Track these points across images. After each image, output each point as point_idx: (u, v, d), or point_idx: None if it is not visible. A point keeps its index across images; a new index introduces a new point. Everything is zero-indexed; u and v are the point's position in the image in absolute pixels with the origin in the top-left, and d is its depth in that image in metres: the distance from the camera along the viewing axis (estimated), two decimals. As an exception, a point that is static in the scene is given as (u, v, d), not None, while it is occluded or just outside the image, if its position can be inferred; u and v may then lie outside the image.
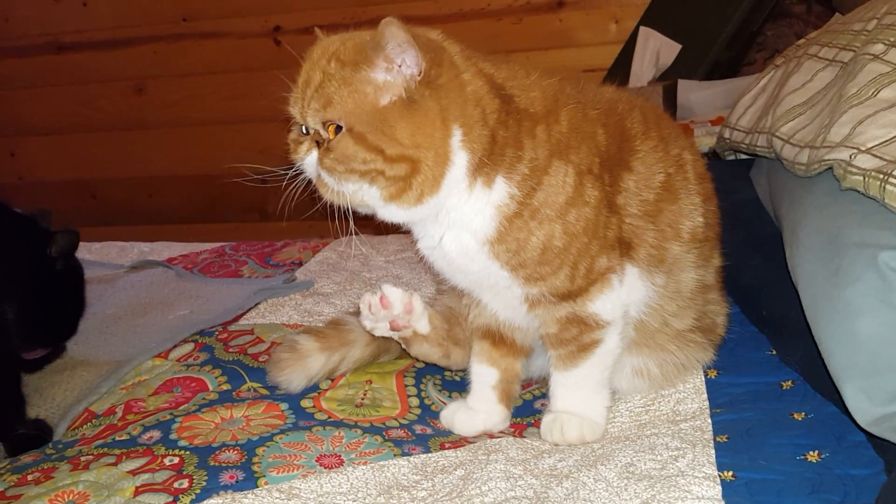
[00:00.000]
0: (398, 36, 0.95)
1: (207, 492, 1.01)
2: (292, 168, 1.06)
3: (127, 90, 3.14)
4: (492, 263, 1.06)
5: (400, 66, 0.97)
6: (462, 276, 1.13)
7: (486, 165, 1.01)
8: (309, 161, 1.03)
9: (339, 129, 0.99)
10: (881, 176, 0.95)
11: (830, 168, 1.07)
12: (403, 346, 1.29)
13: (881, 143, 1.00)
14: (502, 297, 1.13)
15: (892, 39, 1.14)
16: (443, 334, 1.28)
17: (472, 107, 1.00)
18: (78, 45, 3.13)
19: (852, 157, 1.01)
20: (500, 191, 1.02)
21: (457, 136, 0.99)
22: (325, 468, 1.05)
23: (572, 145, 1.05)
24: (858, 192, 0.99)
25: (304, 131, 1.04)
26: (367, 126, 0.98)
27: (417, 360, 1.33)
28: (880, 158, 0.98)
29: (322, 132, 1.00)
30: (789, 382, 1.15)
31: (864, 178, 0.97)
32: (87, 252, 2.09)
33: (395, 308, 1.23)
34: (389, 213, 1.04)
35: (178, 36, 3.02)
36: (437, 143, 0.98)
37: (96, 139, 3.22)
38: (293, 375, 1.26)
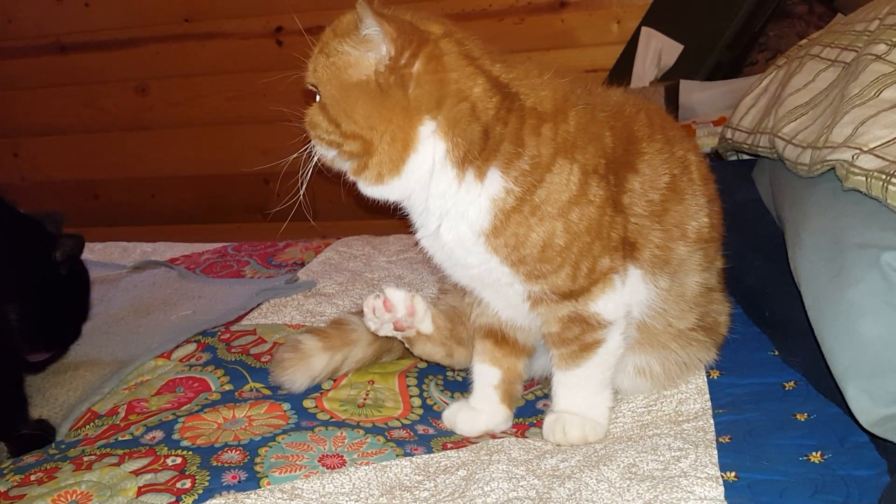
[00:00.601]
0: (368, 18, 0.97)
1: (210, 492, 1.01)
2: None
3: (129, 91, 3.14)
4: (491, 258, 1.06)
5: (371, 49, 0.99)
6: (462, 272, 1.13)
7: (475, 158, 1.02)
8: None
9: None
10: (883, 176, 0.95)
11: (833, 169, 1.07)
12: (407, 345, 1.30)
13: (883, 144, 1.00)
14: (504, 295, 1.13)
15: (894, 40, 1.14)
16: (446, 334, 1.28)
17: (456, 102, 1.01)
18: (80, 45, 3.13)
19: (855, 157, 1.01)
20: (495, 184, 1.03)
21: (428, 126, 1.01)
22: (327, 468, 1.05)
23: (579, 145, 1.05)
24: (861, 192, 0.99)
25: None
26: (331, 98, 1.02)
27: (421, 359, 1.33)
28: (882, 159, 0.97)
29: (317, 97, 1.05)
30: (792, 383, 1.15)
31: (867, 179, 0.97)
32: (89, 252, 2.08)
33: (398, 310, 1.23)
34: (361, 187, 1.07)
35: (181, 37, 3.02)
36: (396, 128, 1.00)
37: (99, 139, 3.23)
38: (296, 375, 1.26)
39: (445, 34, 1.03)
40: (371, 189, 1.06)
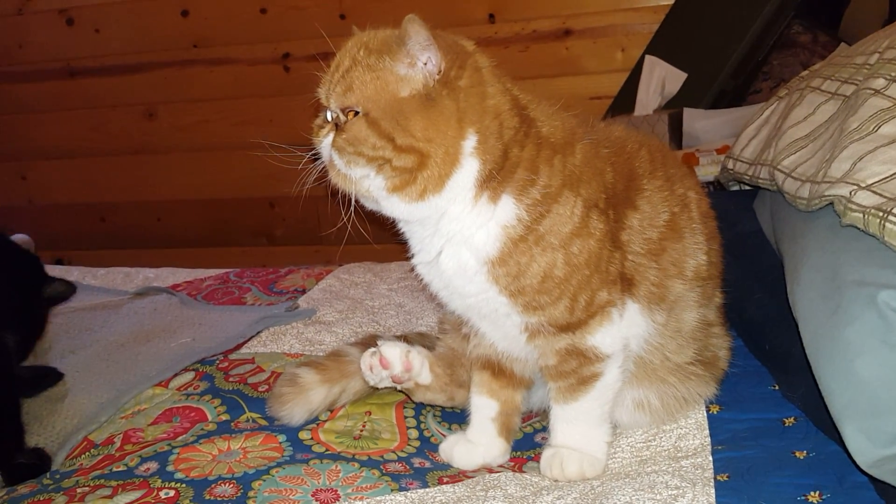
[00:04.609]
0: (420, 33, 0.97)
1: (202, 526, 1.00)
2: (311, 151, 1.09)
3: (138, 115, 3.17)
4: (490, 287, 1.06)
5: (420, 63, 0.99)
6: (459, 300, 1.12)
7: (494, 179, 1.01)
8: (325, 143, 1.05)
9: (357, 114, 1.01)
10: (881, 213, 0.94)
11: (831, 204, 1.06)
12: (407, 394, 1.29)
13: (881, 180, 0.99)
14: (501, 326, 1.13)
15: (893, 74, 1.13)
16: (445, 380, 1.28)
17: (491, 118, 1.01)
18: (90, 70, 3.17)
19: (852, 193, 1.00)
20: (507, 210, 1.02)
21: (471, 141, 1.00)
22: None
23: (584, 179, 1.05)
24: (858, 228, 0.98)
25: (329, 118, 1.05)
26: (382, 113, 0.99)
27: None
28: (880, 195, 0.97)
29: (341, 115, 1.02)
30: (791, 419, 1.14)
31: (864, 216, 0.96)
32: (92, 278, 2.10)
33: (394, 368, 1.24)
34: (391, 205, 1.04)
35: (189, 62, 3.05)
36: (449, 141, 0.99)
37: (107, 163, 3.25)
38: (295, 409, 1.26)
39: (476, 50, 1.04)
40: (405, 206, 1.03)
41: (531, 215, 1.02)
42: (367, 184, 1.03)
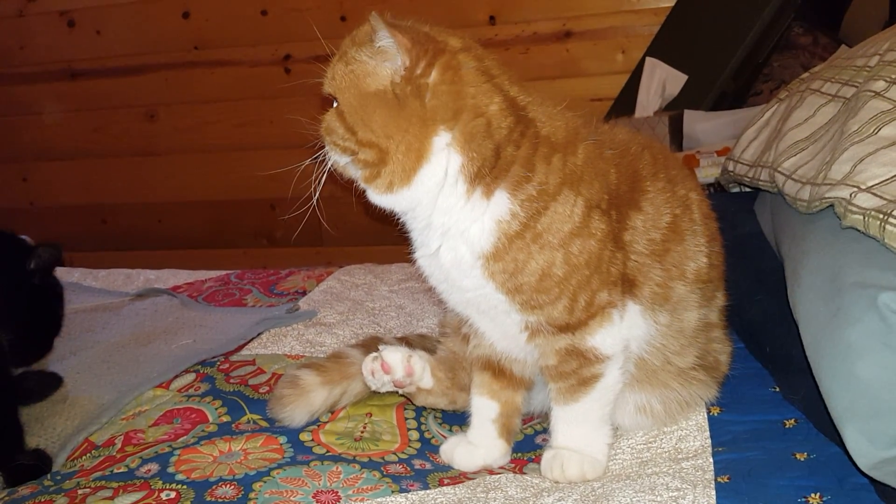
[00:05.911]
0: (382, 30, 0.98)
1: (202, 528, 1.00)
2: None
3: (139, 117, 3.17)
4: (486, 283, 1.05)
5: (386, 59, 1.00)
6: (458, 295, 1.12)
7: (485, 176, 1.02)
8: None
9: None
10: (881, 216, 0.94)
11: (832, 206, 1.07)
12: (409, 398, 1.29)
13: (881, 182, 0.99)
14: (500, 324, 1.13)
15: (893, 77, 1.13)
16: (447, 384, 1.28)
17: (472, 116, 1.01)
18: (91, 72, 3.18)
19: (852, 195, 1.01)
20: (501, 206, 1.02)
21: (443, 138, 1.00)
22: (321, 505, 1.05)
23: (585, 179, 1.05)
24: (859, 231, 0.99)
25: None
26: (348, 106, 1.02)
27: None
28: (880, 198, 0.97)
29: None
30: (792, 421, 1.14)
31: (864, 218, 0.96)
32: (93, 279, 2.11)
33: (396, 372, 1.24)
34: (370, 195, 1.07)
35: (190, 64, 3.06)
36: (411, 138, 1.00)
37: (108, 165, 3.26)
38: (296, 411, 1.26)
39: (464, 48, 1.04)
40: (380, 198, 1.05)
41: (526, 211, 1.02)
42: (351, 171, 1.07)
